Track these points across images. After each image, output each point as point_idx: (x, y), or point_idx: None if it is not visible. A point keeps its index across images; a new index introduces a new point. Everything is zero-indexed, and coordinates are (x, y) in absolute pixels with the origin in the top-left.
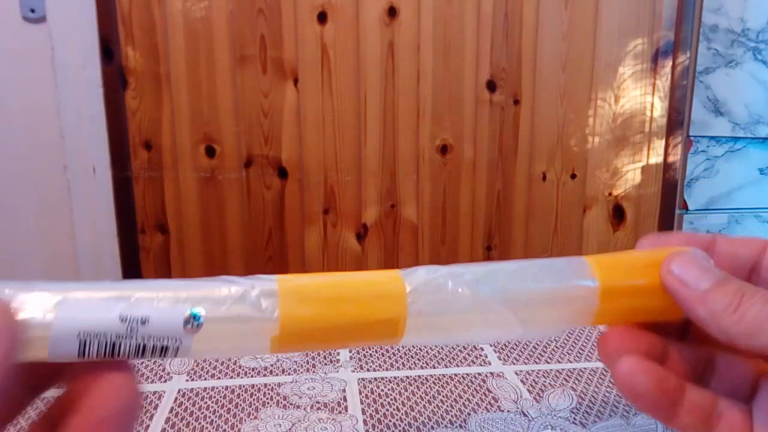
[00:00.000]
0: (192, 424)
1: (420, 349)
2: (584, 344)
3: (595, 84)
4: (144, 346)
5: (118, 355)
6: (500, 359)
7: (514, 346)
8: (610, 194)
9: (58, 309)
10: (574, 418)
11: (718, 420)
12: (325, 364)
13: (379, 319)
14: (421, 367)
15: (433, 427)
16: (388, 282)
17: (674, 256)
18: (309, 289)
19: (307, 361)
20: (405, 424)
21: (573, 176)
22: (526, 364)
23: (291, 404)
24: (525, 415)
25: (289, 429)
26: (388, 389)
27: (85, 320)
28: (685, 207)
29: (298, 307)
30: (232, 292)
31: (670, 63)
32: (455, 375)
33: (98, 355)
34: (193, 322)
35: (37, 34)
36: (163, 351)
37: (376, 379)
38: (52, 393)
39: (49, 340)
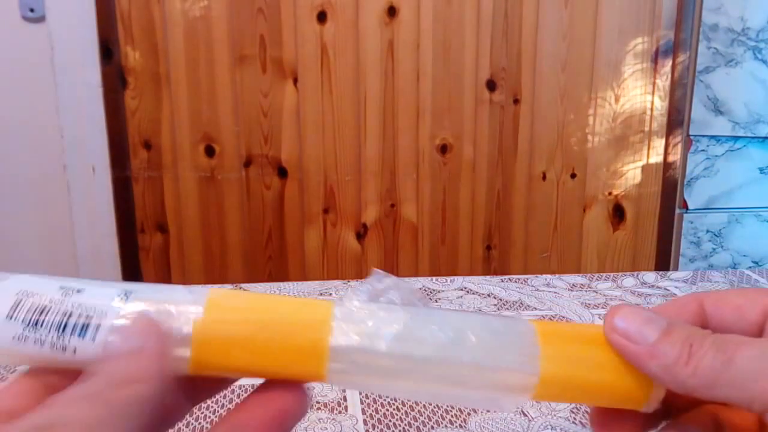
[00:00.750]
0: (192, 424)
1: None
2: None
3: (595, 83)
4: (70, 315)
5: (42, 325)
6: None
7: None
8: (610, 194)
9: (10, 275)
10: (574, 419)
11: None
12: None
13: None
14: None
15: (433, 427)
16: (312, 334)
17: (616, 309)
18: (236, 300)
19: None
20: (405, 424)
21: (573, 176)
22: None
23: None
24: (525, 415)
25: None
26: None
27: (28, 282)
28: (685, 206)
29: (221, 313)
30: (165, 292)
31: (670, 62)
32: None
33: (24, 320)
34: (124, 296)
35: (37, 34)
36: (85, 324)
37: None
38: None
39: None
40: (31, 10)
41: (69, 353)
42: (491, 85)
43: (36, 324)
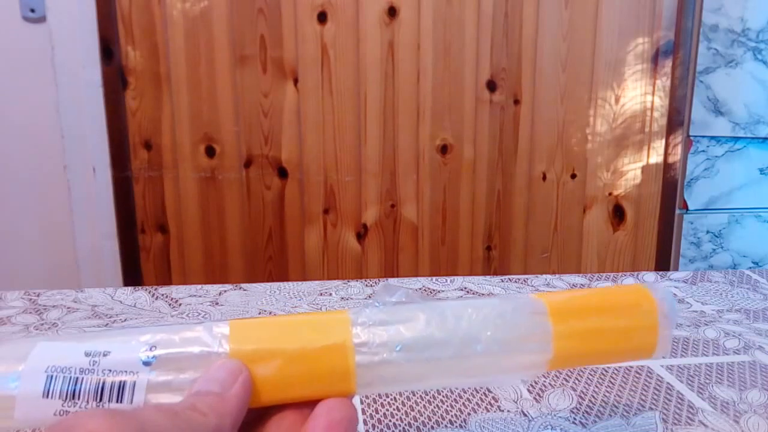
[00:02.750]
0: None
1: None
2: None
3: (596, 84)
4: (102, 384)
5: (79, 396)
6: None
7: None
8: (610, 194)
9: (31, 352)
10: (574, 418)
11: None
12: None
13: (327, 370)
14: None
15: (433, 427)
16: (336, 354)
17: None
18: (259, 328)
19: None
20: (405, 424)
21: (573, 176)
22: None
23: None
24: (525, 415)
25: None
26: None
27: (53, 353)
28: (685, 207)
29: (245, 344)
30: (185, 333)
31: (671, 63)
32: None
33: (60, 395)
34: (149, 353)
35: (37, 34)
36: (121, 389)
37: None
38: None
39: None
40: (32, 11)
41: None
42: (491, 86)
43: (73, 396)
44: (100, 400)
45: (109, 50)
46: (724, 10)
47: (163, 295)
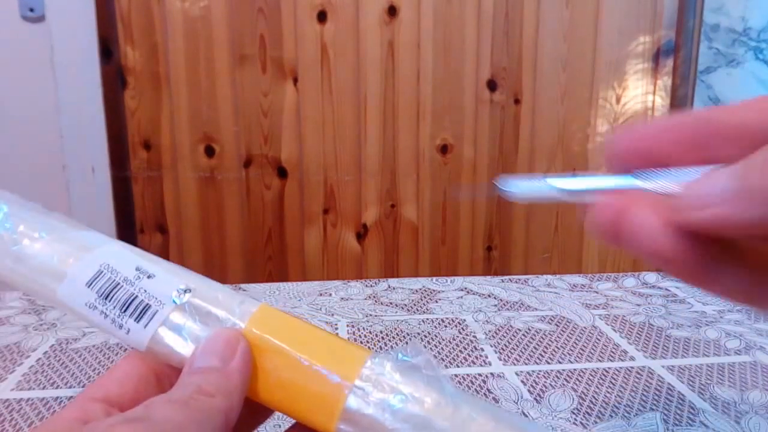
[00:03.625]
0: None
1: None
2: (585, 344)
3: (596, 83)
4: (134, 297)
5: (111, 299)
6: (501, 360)
7: (515, 347)
8: None
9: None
10: (575, 419)
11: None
12: None
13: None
14: None
15: None
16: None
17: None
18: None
19: None
20: None
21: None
22: (526, 364)
23: None
24: (525, 416)
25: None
26: None
27: (113, 255)
28: None
29: (265, 328)
30: (221, 293)
31: (672, 62)
32: (456, 375)
33: (98, 291)
34: (182, 295)
35: (37, 34)
36: (143, 312)
37: None
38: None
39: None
40: (31, 10)
41: (123, 332)
42: (492, 85)
43: (107, 298)
44: (125, 311)
45: (108, 50)
46: (725, 9)
47: None
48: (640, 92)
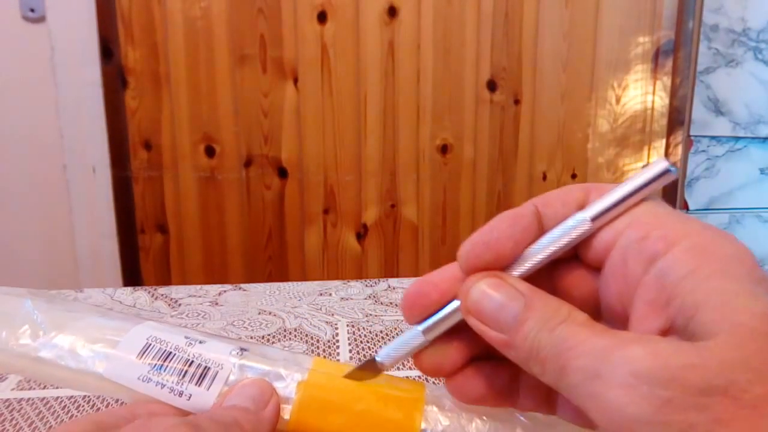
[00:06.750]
0: None
1: None
2: None
3: (596, 83)
4: (191, 363)
5: (165, 370)
6: None
7: None
8: None
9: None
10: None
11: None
12: None
13: None
14: None
15: None
16: None
17: (471, 282)
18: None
19: None
20: None
21: (573, 176)
22: None
23: None
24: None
25: None
26: None
27: (158, 329)
28: (685, 207)
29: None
30: (275, 353)
31: (671, 62)
32: None
33: (151, 363)
34: (239, 352)
35: (37, 34)
36: (203, 374)
37: None
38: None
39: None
40: (32, 10)
41: (184, 399)
42: (492, 85)
43: (161, 368)
44: (183, 377)
45: (108, 50)
46: (724, 10)
47: (162, 295)
48: (639, 92)
